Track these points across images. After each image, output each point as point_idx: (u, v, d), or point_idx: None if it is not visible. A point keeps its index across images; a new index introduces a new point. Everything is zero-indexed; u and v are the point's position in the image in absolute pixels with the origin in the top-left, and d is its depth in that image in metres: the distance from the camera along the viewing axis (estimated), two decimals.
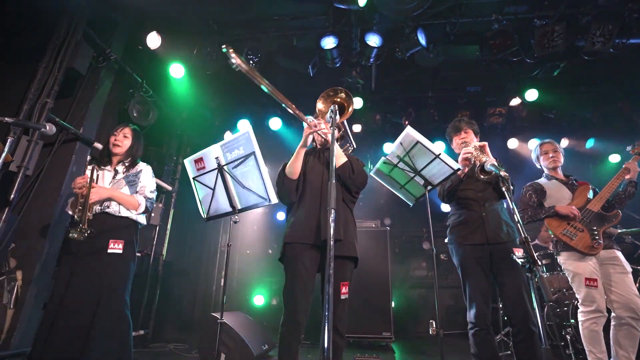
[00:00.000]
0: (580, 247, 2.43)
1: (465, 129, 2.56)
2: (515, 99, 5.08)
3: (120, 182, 2.40)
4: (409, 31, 3.98)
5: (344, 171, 1.89)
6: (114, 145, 2.45)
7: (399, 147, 2.08)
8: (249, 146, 1.77)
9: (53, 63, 2.82)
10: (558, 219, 2.59)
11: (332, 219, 1.25)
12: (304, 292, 1.81)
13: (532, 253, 1.37)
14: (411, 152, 2.05)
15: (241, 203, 1.83)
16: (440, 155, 1.93)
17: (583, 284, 2.41)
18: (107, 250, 2.18)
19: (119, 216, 2.31)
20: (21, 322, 2.58)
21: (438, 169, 2.01)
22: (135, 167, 2.50)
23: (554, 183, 2.80)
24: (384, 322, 4.29)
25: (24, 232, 2.74)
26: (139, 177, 2.46)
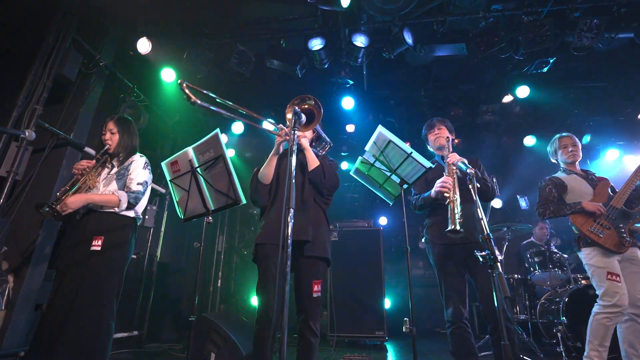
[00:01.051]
0: (609, 245, 2.37)
1: (439, 126, 2.59)
2: (507, 97, 5.06)
3: (111, 178, 2.32)
4: (396, 31, 4.00)
5: (315, 175, 1.93)
6: (104, 144, 2.40)
7: (374, 146, 2.11)
8: (218, 149, 1.81)
9: (42, 70, 2.89)
10: (584, 215, 2.52)
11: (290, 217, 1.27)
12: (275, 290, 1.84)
13: (493, 250, 1.39)
14: (385, 151, 2.07)
15: (214, 204, 1.87)
16: (412, 154, 1.95)
17: (605, 277, 2.35)
18: (90, 248, 2.09)
19: (103, 212, 2.22)
20: (12, 323, 2.65)
21: (411, 167, 2.03)
22: (129, 159, 2.39)
23: (574, 178, 2.74)
24: (377, 321, 4.31)
25: (16, 236, 2.81)
26: (129, 169, 2.33)
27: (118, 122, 2.43)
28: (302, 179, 1.99)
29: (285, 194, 1.28)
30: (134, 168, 2.30)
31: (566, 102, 5.21)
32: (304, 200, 1.91)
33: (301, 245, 1.86)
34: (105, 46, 3.51)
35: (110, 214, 2.19)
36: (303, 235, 1.81)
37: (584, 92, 5.17)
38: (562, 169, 2.87)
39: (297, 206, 1.89)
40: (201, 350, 3.32)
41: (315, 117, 1.72)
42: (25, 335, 2.77)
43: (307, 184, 1.97)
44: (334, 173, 1.97)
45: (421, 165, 1.96)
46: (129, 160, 2.40)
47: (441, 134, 2.55)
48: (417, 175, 2.03)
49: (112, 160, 2.43)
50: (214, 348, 3.32)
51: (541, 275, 3.90)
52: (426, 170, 1.97)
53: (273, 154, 1.97)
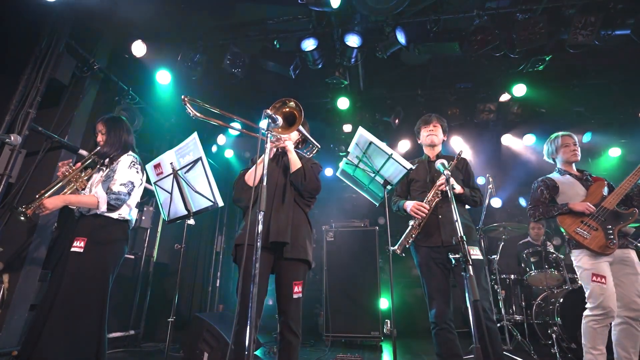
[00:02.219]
0: (593, 247, 2.34)
1: (435, 123, 2.57)
2: (505, 95, 5.02)
3: (101, 180, 2.27)
4: (389, 30, 3.99)
5: (296, 177, 1.93)
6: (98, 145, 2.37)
7: (356, 147, 2.11)
8: (196, 151, 1.83)
9: (35, 74, 2.94)
10: (571, 216, 2.50)
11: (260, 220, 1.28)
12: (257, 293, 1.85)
13: (466, 252, 1.38)
14: (368, 152, 2.07)
15: (194, 206, 1.89)
16: (393, 155, 1.95)
17: (590, 279, 2.32)
18: (70, 249, 2.06)
19: (89, 215, 2.19)
20: (7, 322, 2.71)
21: (394, 168, 2.03)
22: (119, 160, 2.30)
23: (567, 179, 2.71)
24: (373, 321, 4.30)
25: (11, 237, 2.87)
26: (115, 170, 2.26)
27: (106, 121, 2.39)
28: (284, 181, 2.00)
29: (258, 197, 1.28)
30: (118, 168, 2.23)
31: (565, 100, 5.15)
32: (284, 201, 1.92)
33: (280, 247, 1.86)
34: (100, 49, 3.56)
35: (96, 216, 2.15)
36: (282, 236, 1.82)
37: (584, 89, 5.10)
38: (557, 169, 2.83)
39: (277, 208, 1.90)
40: (194, 350, 3.36)
41: (297, 119, 1.73)
42: (20, 335, 2.82)
43: (288, 185, 1.97)
44: (315, 176, 1.97)
45: (402, 167, 1.96)
46: (118, 161, 2.32)
47: (435, 132, 2.54)
48: (400, 176, 2.03)
49: (104, 162, 2.40)
50: (207, 348, 3.35)
51: (537, 275, 3.86)
52: (408, 171, 1.97)
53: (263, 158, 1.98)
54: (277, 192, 1.94)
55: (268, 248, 1.87)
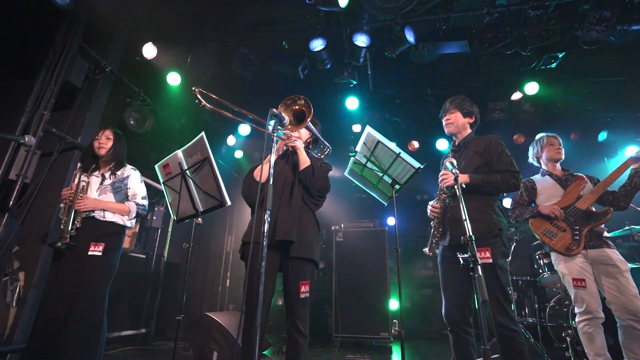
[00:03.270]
0: (558, 248, 2.34)
1: (451, 109, 2.40)
2: (516, 93, 4.93)
3: (107, 189, 2.45)
4: (398, 29, 3.96)
5: (304, 175, 1.93)
6: (99, 148, 2.50)
7: (364, 147, 2.10)
8: (204, 151, 1.84)
9: (49, 77, 3.01)
10: (541, 218, 2.51)
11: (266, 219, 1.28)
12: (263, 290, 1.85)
13: (474, 252, 1.36)
14: (375, 152, 2.06)
15: (202, 206, 1.90)
16: (401, 154, 1.93)
17: (571, 284, 2.33)
18: (87, 253, 2.25)
19: (104, 221, 2.38)
20: (23, 319, 2.77)
21: (402, 168, 2.01)
22: (122, 171, 2.53)
23: (546, 180, 2.69)
24: (382, 322, 4.27)
25: (26, 237, 2.94)
26: (126, 183, 2.50)
27: (115, 132, 2.59)
28: (293, 179, 2.00)
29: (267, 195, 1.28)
30: (133, 182, 2.47)
31: (580, 98, 5.03)
32: (292, 200, 1.92)
33: (287, 245, 1.86)
34: (111, 52, 3.62)
35: (108, 222, 2.34)
36: (288, 235, 1.82)
37: (599, 86, 4.97)
38: (541, 170, 2.80)
39: (284, 206, 1.90)
40: (204, 349, 3.38)
41: (306, 116, 1.73)
42: None
43: (297, 184, 1.97)
44: (324, 175, 1.96)
45: (410, 166, 1.94)
46: (122, 172, 2.53)
47: (451, 119, 2.37)
48: (409, 175, 2.01)
49: (101, 170, 2.52)
50: (216, 347, 3.38)
51: (551, 277, 3.77)
52: (416, 170, 1.94)
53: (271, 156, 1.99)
54: (285, 190, 1.94)
55: (275, 247, 1.87)
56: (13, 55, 3.18)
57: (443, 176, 2.12)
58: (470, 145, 2.32)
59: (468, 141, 2.35)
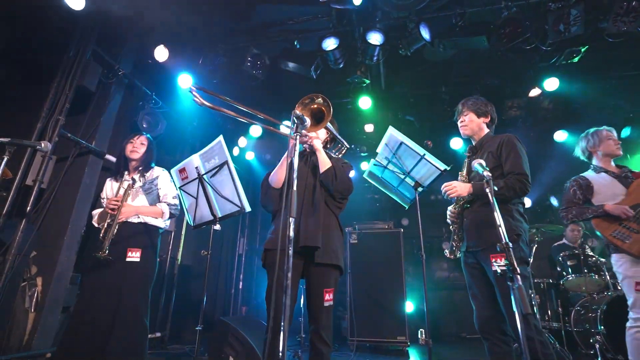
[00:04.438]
0: (634, 251, 2.14)
1: (464, 111, 2.33)
2: (535, 90, 4.78)
3: (138, 192, 2.43)
4: (412, 26, 3.87)
5: (326, 177, 1.86)
6: (132, 152, 2.50)
7: (386, 148, 2.02)
8: (222, 155, 1.78)
9: (64, 82, 3.00)
10: (608, 219, 2.30)
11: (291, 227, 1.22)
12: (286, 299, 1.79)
13: (513, 261, 1.27)
14: (398, 153, 1.98)
15: (220, 211, 1.85)
16: (425, 155, 1.84)
17: (633, 288, 2.14)
18: (125, 259, 2.24)
19: (139, 224, 2.36)
20: (41, 324, 2.77)
21: (426, 169, 1.93)
22: (151, 172, 2.52)
23: (603, 177, 2.48)
24: (399, 326, 4.18)
25: (43, 242, 2.94)
26: (156, 184, 2.48)
27: (150, 140, 2.62)
28: (314, 182, 1.93)
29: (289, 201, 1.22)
30: (163, 183, 2.45)
31: (601, 93, 4.85)
32: (314, 204, 1.85)
33: (311, 251, 1.80)
34: (124, 56, 3.61)
35: (141, 224, 2.33)
36: (312, 241, 1.75)
37: (623, 81, 4.79)
38: (593, 167, 2.61)
39: (306, 211, 1.84)
40: (220, 354, 3.34)
41: (325, 116, 1.66)
42: (53, 337, 2.88)
43: (318, 187, 1.90)
44: (347, 176, 1.89)
45: (435, 168, 1.85)
46: (151, 173, 2.51)
47: (466, 121, 2.30)
48: (433, 177, 1.92)
49: (130, 173, 2.53)
50: (232, 352, 3.33)
51: (575, 280, 3.64)
52: (441, 172, 1.86)
53: (286, 158, 1.92)
54: (307, 193, 1.88)
55: (298, 252, 1.81)
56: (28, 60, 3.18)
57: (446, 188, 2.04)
58: (485, 146, 2.24)
59: (484, 142, 2.26)
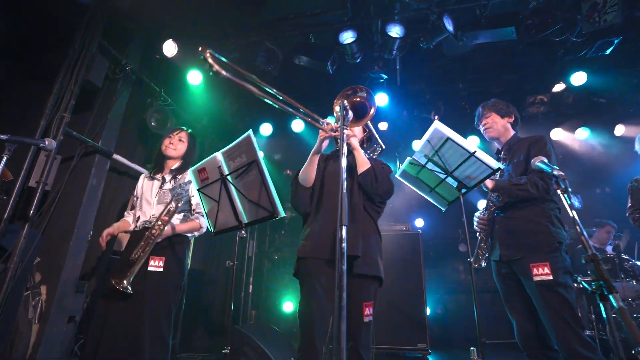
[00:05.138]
0: None
1: (486, 114, 2.25)
2: (559, 85, 4.57)
3: (166, 195, 2.24)
4: (434, 18, 3.67)
5: (365, 179, 1.67)
6: (167, 148, 2.32)
7: (427, 145, 1.82)
8: (250, 153, 1.58)
9: (69, 77, 2.82)
10: None
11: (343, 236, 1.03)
12: (321, 314, 1.61)
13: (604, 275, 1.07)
14: (441, 151, 1.78)
15: (247, 217, 1.64)
16: (476, 153, 1.64)
17: None
18: (147, 269, 2.05)
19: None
20: (46, 336, 2.58)
21: (474, 168, 1.73)
22: (184, 175, 2.33)
23: None
24: (419, 332, 3.98)
25: (48, 247, 2.75)
26: (188, 190, 2.28)
27: (191, 135, 2.43)
28: (351, 184, 1.74)
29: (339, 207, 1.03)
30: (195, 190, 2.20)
31: (629, 88, 4.62)
32: (352, 208, 1.66)
33: (349, 261, 1.61)
34: (131, 50, 3.43)
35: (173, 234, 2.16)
36: (351, 249, 1.57)
37: None
38: None
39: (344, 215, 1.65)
40: None
41: (368, 112, 1.48)
42: (59, 348, 2.70)
43: (356, 189, 1.72)
44: (387, 177, 1.71)
45: (486, 166, 1.65)
46: (184, 176, 2.31)
47: (489, 123, 2.22)
48: (482, 176, 1.72)
49: (164, 171, 2.33)
50: None
51: None
52: (494, 171, 1.66)
53: (314, 152, 1.75)
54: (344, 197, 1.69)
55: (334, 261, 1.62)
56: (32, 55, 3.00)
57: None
58: (514, 148, 2.11)
59: (512, 144, 2.14)
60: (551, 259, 1.79)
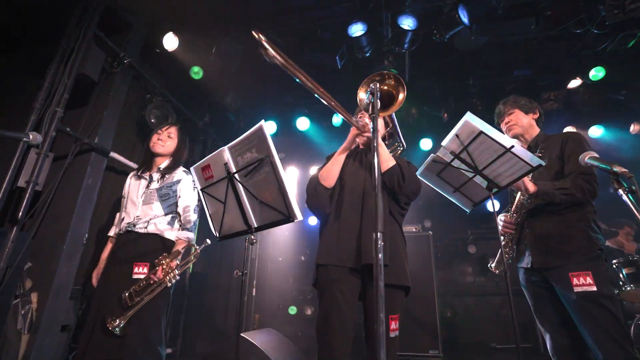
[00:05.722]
0: None
1: (508, 110, 2.11)
2: (575, 80, 4.39)
3: (152, 196, 2.10)
4: (447, 9, 3.49)
5: (391, 177, 1.51)
6: (155, 144, 2.19)
7: (454, 140, 1.65)
8: (262, 147, 1.38)
9: (63, 69, 2.64)
10: None
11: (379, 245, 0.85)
12: (342, 327, 1.44)
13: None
14: (471, 147, 1.61)
15: (258, 220, 1.46)
16: (514, 148, 1.47)
17: None
18: (132, 276, 1.92)
19: (145, 233, 2.04)
20: (37, 347, 2.40)
21: (508, 166, 1.55)
22: (173, 174, 2.19)
23: None
24: (431, 338, 3.82)
25: (39, 251, 2.58)
26: (175, 190, 2.14)
27: (181, 130, 2.28)
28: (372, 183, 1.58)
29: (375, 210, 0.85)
30: (185, 190, 2.12)
31: None
32: None
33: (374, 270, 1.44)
34: (130, 43, 3.24)
35: (154, 236, 2.03)
36: None
37: None
38: None
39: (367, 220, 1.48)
40: None
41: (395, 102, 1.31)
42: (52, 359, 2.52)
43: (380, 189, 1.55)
44: (415, 175, 1.54)
45: (525, 163, 1.47)
46: (172, 175, 2.17)
47: (513, 120, 2.07)
48: (518, 175, 1.55)
49: (152, 170, 2.20)
50: None
51: (634, 291, 3.25)
52: (533, 169, 1.48)
53: (343, 150, 1.60)
54: (367, 197, 1.52)
55: (357, 270, 1.45)
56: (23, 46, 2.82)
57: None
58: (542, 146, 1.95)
59: (540, 142, 1.99)
60: (593, 268, 1.63)
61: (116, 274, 1.96)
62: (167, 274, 1.88)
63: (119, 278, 1.94)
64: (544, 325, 1.85)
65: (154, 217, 2.05)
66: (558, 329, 1.78)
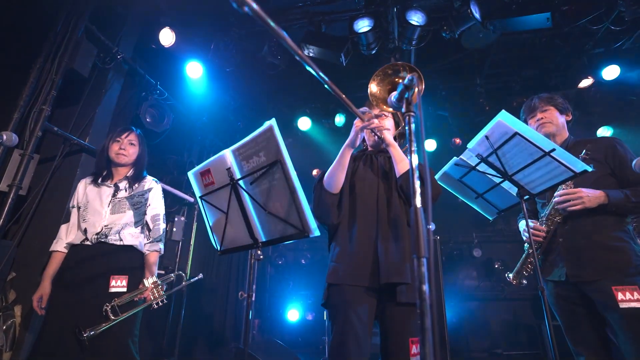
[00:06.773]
0: None
1: (543, 106, 1.93)
2: (586, 80, 4.25)
3: (123, 204, 2.00)
4: (458, 4, 3.34)
5: (408, 181, 1.33)
6: (118, 155, 2.05)
7: (484, 142, 1.48)
8: (272, 150, 1.20)
9: (50, 64, 2.45)
10: None
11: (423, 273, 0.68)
12: (358, 352, 1.28)
13: None
14: (502, 149, 1.44)
15: (265, 234, 1.28)
16: (556, 151, 1.30)
17: None
18: (109, 290, 1.81)
19: (121, 245, 1.92)
20: None
21: (546, 171, 1.38)
22: (142, 182, 2.10)
23: None
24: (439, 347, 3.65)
25: (24, 260, 2.39)
26: (147, 198, 2.07)
27: (141, 137, 2.16)
28: (386, 189, 1.40)
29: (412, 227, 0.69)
30: (155, 199, 2.08)
31: None
32: (393, 221, 1.31)
33: (392, 288, 1.27)
34: (124, 38, 3.06)
35: (130, 248, 1.93)
36: (398, 275, 1.23)
37: None
38: None
39: (384, 232, 1.31)
40: None
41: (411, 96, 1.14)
42: None
43: (395, 196, 1.37)
44: (435, 180, 1.38)
45: (565, 168, 1.31)
46: (142, 184, 2.09)
47: (548, 117, 1.90)
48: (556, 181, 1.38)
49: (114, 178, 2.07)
50: None
51: None
52: (576, 175, 1.32)
53: (347, 147, 1.42)
54: (381, 205, 1.35)
55: (373, 289, 1.28)
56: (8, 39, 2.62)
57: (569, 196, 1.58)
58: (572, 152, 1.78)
59: (571, 146, 1.83)
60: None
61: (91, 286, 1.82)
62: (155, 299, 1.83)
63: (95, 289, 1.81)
64: (577, 345, 1.69)
65: (125, 226, 1.95)
66: (595, 350, 1.62)
